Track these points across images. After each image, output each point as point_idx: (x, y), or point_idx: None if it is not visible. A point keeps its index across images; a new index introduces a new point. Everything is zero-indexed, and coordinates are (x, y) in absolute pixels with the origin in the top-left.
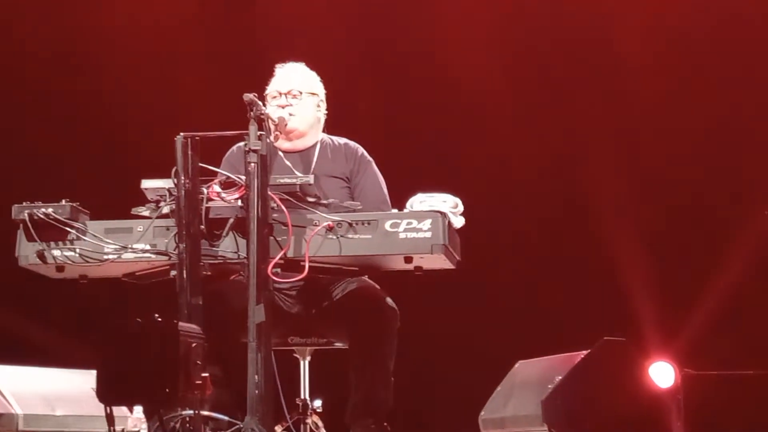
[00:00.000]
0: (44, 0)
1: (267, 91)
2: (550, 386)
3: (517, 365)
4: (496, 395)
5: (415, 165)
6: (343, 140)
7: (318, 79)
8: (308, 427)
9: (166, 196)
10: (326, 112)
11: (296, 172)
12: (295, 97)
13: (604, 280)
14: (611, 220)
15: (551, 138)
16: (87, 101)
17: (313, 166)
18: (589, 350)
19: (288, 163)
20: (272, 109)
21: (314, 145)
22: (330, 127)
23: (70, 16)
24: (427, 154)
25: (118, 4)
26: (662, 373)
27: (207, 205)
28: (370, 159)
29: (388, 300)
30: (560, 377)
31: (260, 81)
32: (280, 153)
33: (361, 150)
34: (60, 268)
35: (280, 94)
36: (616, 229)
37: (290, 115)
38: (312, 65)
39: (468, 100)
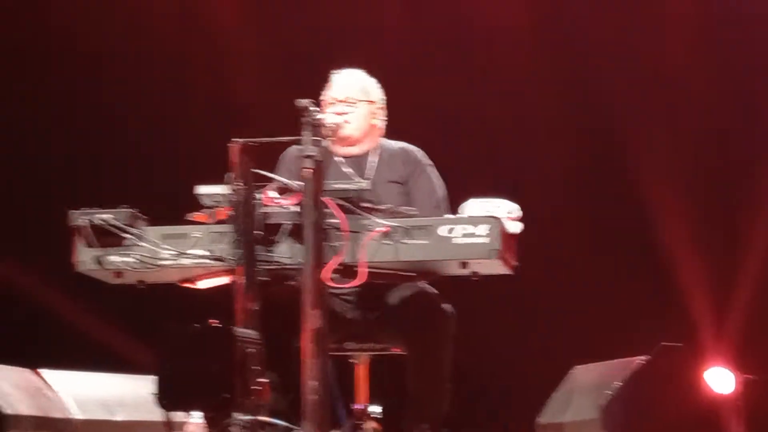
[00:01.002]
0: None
1: (323, 98)
2: (608, 392)
3: (573, 370)
4: (554, 400)
5: (471, 169)
6: (401, 144)
7: (377, 85)
8: None
9: (221, 201)
10: (385, 118)
11: (353, 178)
12: (351, 105)
13: (661, 285)
14: (668, 224)
15: (608, 141)
16: (144, 107)
17: (370, 172)
18: (646, 356)
19: (345, 169)
20: (328, 116)
21: (371, 151)
22: (386, 131)
23: (123, 21)
24: (483, 157)
25: (172, 5)
26: (721, 379)
27: (262, 211)
28: (429, 163)
29: (445, 305)
30: (618, 383)
31: (315, 86)
32: (337, 158)
33: (419, 154)
34: (118, 274)
35: (336, 101)
36: (673, 232)
37: (346, 122)
38: (368, 67)
39: (524, 103)
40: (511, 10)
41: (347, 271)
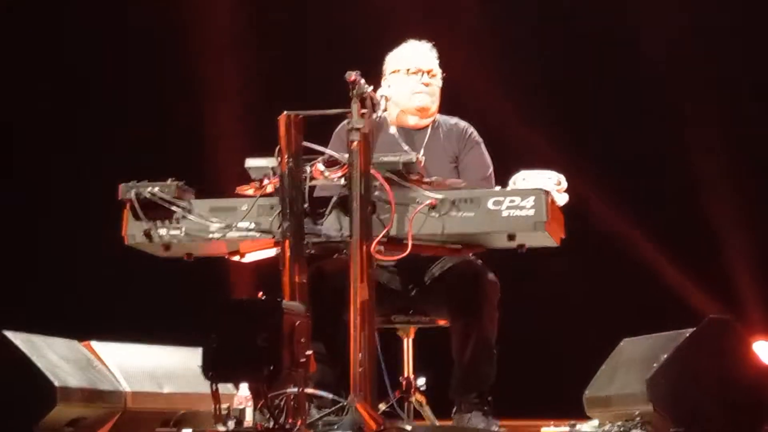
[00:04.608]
0: None
1: (398, 65)
2: (655, 365)
3: (622, 343)
4: (601, 373)
5: (518, 141)
6: (454, 120)
7: None
8: (411, 405)
9: (270, 174)
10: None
11: (406, 150)
12: (434, 77)
13: (709, 257)
14: (716, 197)
15: (656, 116)
16: (190, 80)
17: (423, 145)
18: (694, 328)
19: (399, 140)
20: (410, 84)
21: (427, 125)
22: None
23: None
24: (530, 130)
25: None
26: None
27: (310, 184)
28: (479, 139)
29: (489, 275)
30: (665, 356)
31: (364, 59)
32: (393, 131)
33: (471, 130)
34: (166, 247)
35: (421, 71)
36: (722, 205)
37: (430, 94)
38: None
39: (581, 77)
40: None
41: (394, 243)
